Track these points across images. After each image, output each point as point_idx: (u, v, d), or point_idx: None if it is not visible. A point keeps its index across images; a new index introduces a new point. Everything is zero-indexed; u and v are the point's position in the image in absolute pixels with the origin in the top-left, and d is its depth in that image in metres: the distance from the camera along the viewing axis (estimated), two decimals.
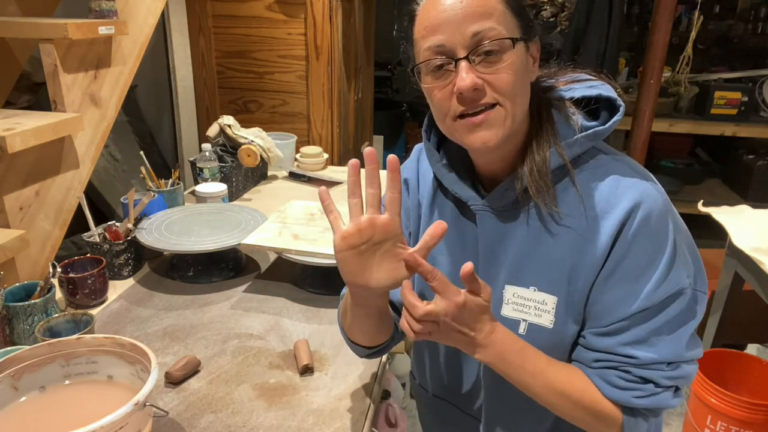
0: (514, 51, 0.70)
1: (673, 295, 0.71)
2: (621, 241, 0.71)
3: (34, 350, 0.86)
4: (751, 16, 4.07)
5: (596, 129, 0.73)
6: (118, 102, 1.47)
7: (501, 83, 0.69)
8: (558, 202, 0.74)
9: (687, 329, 0.73)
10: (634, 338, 0.72)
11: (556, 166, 0.74)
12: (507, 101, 0.70)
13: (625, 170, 0.73)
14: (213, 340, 1.15)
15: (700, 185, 3.81)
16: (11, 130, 1.12)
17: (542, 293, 0.75)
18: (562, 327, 0.76)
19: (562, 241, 0.74)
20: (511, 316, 0.78)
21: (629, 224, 0.70)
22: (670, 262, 0.70)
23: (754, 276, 1.77)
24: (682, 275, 0.71)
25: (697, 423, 1.86)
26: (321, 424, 0.93)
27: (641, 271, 0.71)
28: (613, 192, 0.72)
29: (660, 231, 0.70)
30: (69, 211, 1.36)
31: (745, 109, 3.33)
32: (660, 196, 0.72)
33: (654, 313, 0.71)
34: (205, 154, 1.80)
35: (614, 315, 0.72)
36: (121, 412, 0.72)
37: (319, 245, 1.28)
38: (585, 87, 0.78)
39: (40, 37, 1.25)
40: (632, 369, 0.72)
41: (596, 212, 0.72)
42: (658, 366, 0.72)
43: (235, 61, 2.39)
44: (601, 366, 0.74)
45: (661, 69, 2.75)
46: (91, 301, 1.25)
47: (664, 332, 0.72)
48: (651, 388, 0.73)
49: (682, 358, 0.73)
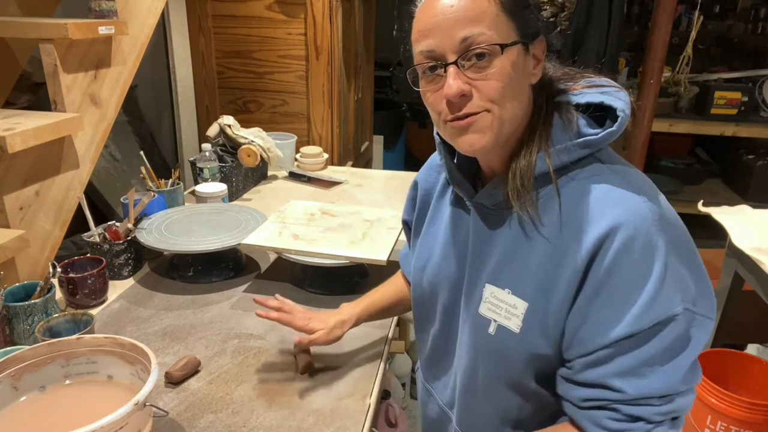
0: (505, 56, 0.69)
1: (664, 321, 0.66)
2: (599, 263, 0.67)
3: (34, 350, 0.86)
4: (751, 16, 4.07)
5: (587, 138, 0.71)
6: (118, 102, 1.47)
7: (489, 89, 0.69)
8: (540, 209, 0.72)
9: (684, 359, 0.68)
10: (622, 368, 0.67)
11: (541, 171, 0.72)
12: (495, 107, 0.70)
13: (618, 183, 0.69)
14: (213, 340, 1.15)
15: (700, 185, 3.81)
16: (11, 130, 1.12)
17: (514, 297, 0.74)
18: (528, 335, 0.73)
19: (538, 249, 0.72)
20: (484, 315, 0.78)
21: (607, 246, 0.66)
22: (659, 286, 0.65)
23: (754, 276, 1.77)
24: (674, 299, 0.66)
25: (697, 423, 1.86)
26: (321, 424, 0.93)
27: (626, 295, 0.66)
28: (597, 206, 0.68)
29: (645, 255, 0.65)
30: (69, 211, 1.36)
31: (745, 109, 3.33)
32: (650, 214, 0.66)
33: (643, 340, 0.66)
34: (205, 154, 1.80)
35: (598, 340, 0.68)
36: (121, 412, 0.72)
37: (319, 245, 1.28)
38: (595, 93, 0.75)
39: (40, 37, 1.25)
40: (621, 407, 0.69)
41: (575, 226, 0.69)
42: (647, 401, 0.68)
43: (235, 61, 2.39)
44: (590, 406, 0.71)
45: (661, 69, 2.75)
46: (91, 301, 1.25)
47: (656, 362, 0.67)
48: (642, 426, 0.68)
49: (676, 390, 0.68)
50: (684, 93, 3.47)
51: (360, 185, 2.08)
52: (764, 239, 1.76)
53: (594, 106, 0.73)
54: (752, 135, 3.40)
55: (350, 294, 1.33)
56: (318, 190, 2.03)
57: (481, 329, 0.78)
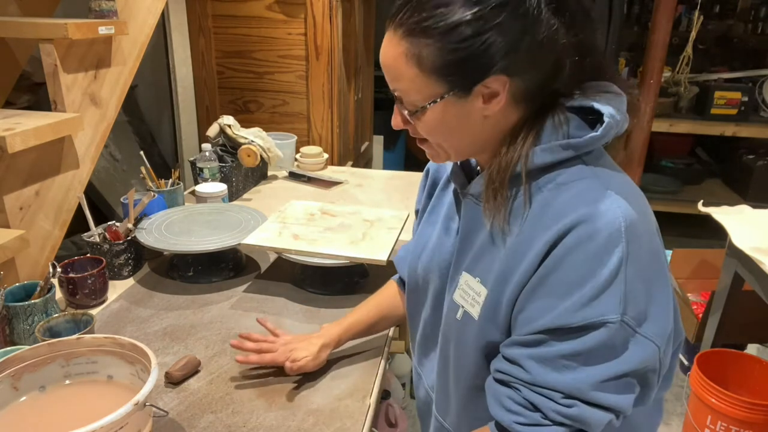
0: (430, 111, 0.71)
1: (594, 324, 0.64)
2: (554, 254, 0.66)
3: (34, 350, 0.86)
4: (751, 16, 4.07)
5: (570, 140, 0.70)
6: (118, 102, 1.47)
7: (424, 132, 0.74)
8: (515, 206, 0.72)
9: (606, 369, 0.66)
10: (540, 355, 0.68)
11: (519, 170, 0.72)
12: (437, 143, 0.75)
13: (597, 186, 0.68)
14: (213, 340, 1.15)
15: (700, 185, 3.82)
16: (11, 130, 1.12)
17: (480, 285, 0.75)
18: (485, 323, 0.74)
19: (509, 241, 0.72)
20: (456, 301, 0.80)
21: (566, 240, 0.66)
22: (601, 288, 0.64)
23: (754, 276, 1.77)
24: (611, 306, 0.64)
25: (697, 423, 1.86)
26: (321, 424, 0.93)
27: (567, 288, 0.65)
28: (569, 204, 0.67)
29: (598, 255, 0.64)
30: (69, 211, 1.36)
31: (745, 109, 3.33)
32: (620, 219, 0.64)
33: (569, 336, 0.66)
34: (205, 154, 1.80)
35: (531, 326, 0.68)
36: (121, 412, 0.72)
37: (319, 245, 1.28)
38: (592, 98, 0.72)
39: (40, 37, 1.25)
40: (523, 388, 0.69)
41: (545, 223, 0.68)
42: (550, 393, 0.67)
43: (235, 61, 2.39)
44: (499, 379, 0.72)
45: (661, 69, 2.76)
46: (91, 301, 1.25)
47: (574, 361, 0.66)
48: (537, 417, 0.68)
49: (583, 396, 0.66)
50: (684, 93, 3.48)
51: (360, 185, 2.08)
52: (764, 239, 1.76)
53: (588, 109, 0.72)
54: (752, 135, 3.40)
55: (350, 294, 1.33)
56: (318, 190, 2.03)
57: (452, 315, 0.80)
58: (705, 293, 2.52)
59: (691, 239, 3.38)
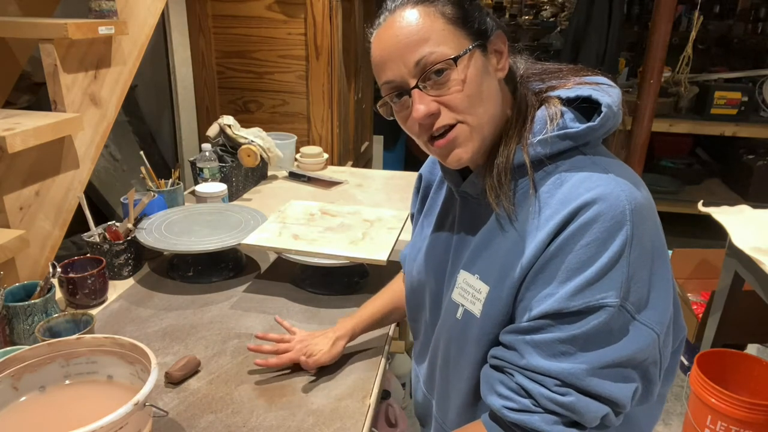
0: (462, 65, 0.70)
1: (593, 307, 0.64)
2: (557, 240, 0.66)
3: (34, 350, 0.86)
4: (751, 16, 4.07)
5: (567, 130, 0.70)
6: (118, 102, 1.47)
7: (456, 102, 0.71)
8: (517, 200, 0.73)
9: (603, 355, 0.65)
10: (539, 341, 0.67)
11: (519, 162, 0.72)
12: (468, 116, 0.72)
13: (597, 172, 0.68)
14: (213, 340, 1.15)
15: (700, 185, 3.82)
16: (11, 130, 1.12)
17: (480, 282, 0.75)
18: (487, 320, 0.74)
19: (510, 237, 0.72)
20: (455, 300, 0.79)
21: (573, 223, 0.65)
22: (603, 271, 0.64)
23: (754, 276, 1.77)
24: (610, 290, 0.64)
25: (697, 423, 1.86)
26: (321, 425, 0.93)
27: (568, 273, 0.65)
28: (571, 191, 0.67)
29: (603, 237, 0.64)
30: (69, 211, 1.36)
31: (745, 109, 3.33)
32: (626, 202, 0.64)
33: (568, 320, 0.65)
34: (205, 154, 1.80)
35: (531, 313, 0.68)
36: (121, 412, 0.72)
37: (319, 245, 1.28)
38: (587, 88, 0.74)
39: (40, 37, 1.25)
40: (515, 373, 0.69)
41: (547, 214, 0.68)
42: (543, 379, 0.66)
43: (235, 61, 2.39)
44: (494, 364, 0.72)
45: (661, 69, 2.76)
46: (91, 301, 1.25)
47: (573, 346, 0.65)
48: (528, 404, 0.67)
49: (579, 383, 0.65)
50: (684, 93, 3.48)
51: (360, 185, 2.08)
52: (764, 239, 1.76)
53: (583, 99, 0.73)
54: (752, 135, 3.40)
55: (350, 294, 1.33)
56: (318, 190, 2.03)
57: (451, 314, 0.80)
58: (705, 293, 2.53)
59: (691, 239, 3.38)
